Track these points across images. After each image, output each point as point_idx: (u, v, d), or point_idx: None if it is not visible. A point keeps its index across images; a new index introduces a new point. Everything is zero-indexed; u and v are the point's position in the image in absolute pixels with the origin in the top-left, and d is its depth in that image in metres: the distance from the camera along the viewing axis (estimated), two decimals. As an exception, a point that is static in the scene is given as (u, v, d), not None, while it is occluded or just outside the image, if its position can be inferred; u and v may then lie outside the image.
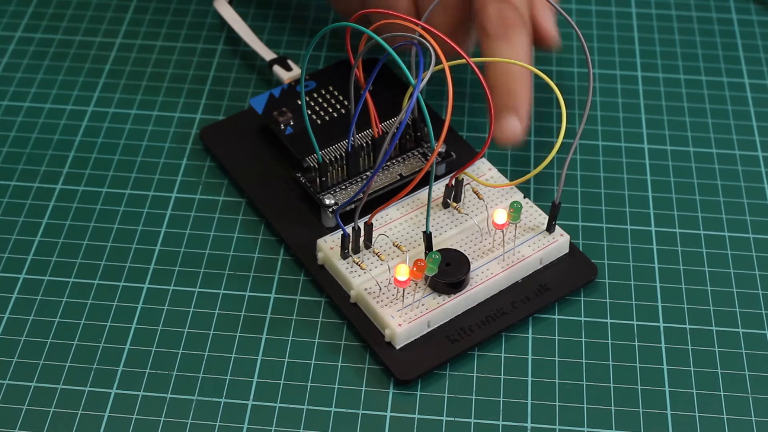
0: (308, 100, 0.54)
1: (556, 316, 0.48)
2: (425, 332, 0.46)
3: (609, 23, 0.63)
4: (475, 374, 0.46)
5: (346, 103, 0.54)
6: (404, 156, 0.51)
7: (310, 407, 0.45)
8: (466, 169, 0.48)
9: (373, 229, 0.48)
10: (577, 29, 0.46)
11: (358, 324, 0.47)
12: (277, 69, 0.57)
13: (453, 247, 0.48)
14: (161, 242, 0.51)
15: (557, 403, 0.45)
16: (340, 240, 0.48)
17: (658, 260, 0.50)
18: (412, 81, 0.43)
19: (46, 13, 0.63)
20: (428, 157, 0.51)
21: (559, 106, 0.52)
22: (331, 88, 0.55)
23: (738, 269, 0.50)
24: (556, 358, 0.46)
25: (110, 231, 0.51)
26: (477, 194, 0.50)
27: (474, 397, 0.45)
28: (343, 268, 0.47)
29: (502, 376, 0.46)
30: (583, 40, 0.46)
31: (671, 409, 0.45)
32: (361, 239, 0.48)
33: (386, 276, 0.47)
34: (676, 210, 0.53)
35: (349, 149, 0.49)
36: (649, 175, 0.54)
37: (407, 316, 0.46)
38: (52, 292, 0.49)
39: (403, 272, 0.45)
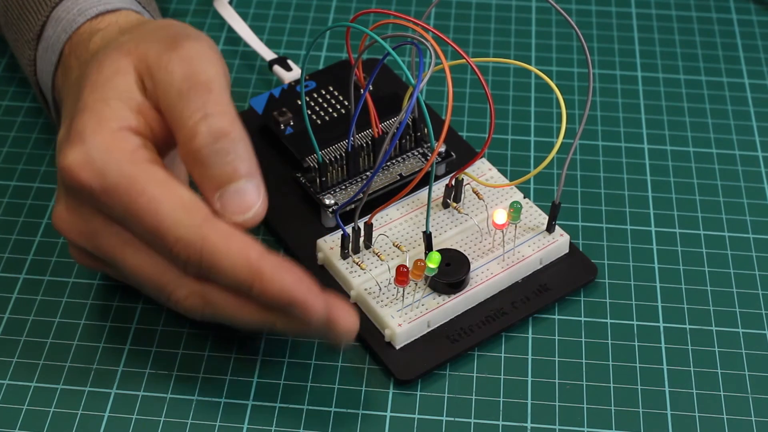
0: (308, 100, 0.54)
1: (556, 316, 0.48)
2: (425, 332, 0.46)
3: (609, 23, 0.63)
4: (475, 374, 0.46)
5: (346, 103, 0.54)
6: (404, 156, 0.51)
7: (310, 407, 0.45)
8: (466, 169, 0.48)
9: (373, 229, 0.48)
10: (577, 29, 0.46)
11: (358, 324, 0.47)
12: (277, 69, 0.57)
13: (453, 247, 0.48)
14: (161, 242, 0.50)
15: (557, 403, 0.45)
16: (340, 240, 0.48)
17: (658, 260, 0.50)
18: (412, 81, 0.43)
19: (46, 13, 0.63)
20: (428, 157, 0.51)
21: (559, 106, 0.52)
22: (331, 88, 0.55)
23: (738, 269, 0.50)
24: (556, 358, 0.46)
25: (110, 231, 0.51)
26: (477, 194, 0.50)
27: (474, 397, 0.45)
28: (343, 268, 0.47)
29: (502, 376, 0.46)
30: (583, 40, 0.46)
31: (671, 409, 0.45)
32: (361, 239, 0.48)
33: (386, 276, 0.47)
34: (676, 210, 0.52)
35: (349, 149, 0.49)
36: (649, 175, 0.54)
37: (407, 316, 0.46)
38: (52, 292, 0.49)
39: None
